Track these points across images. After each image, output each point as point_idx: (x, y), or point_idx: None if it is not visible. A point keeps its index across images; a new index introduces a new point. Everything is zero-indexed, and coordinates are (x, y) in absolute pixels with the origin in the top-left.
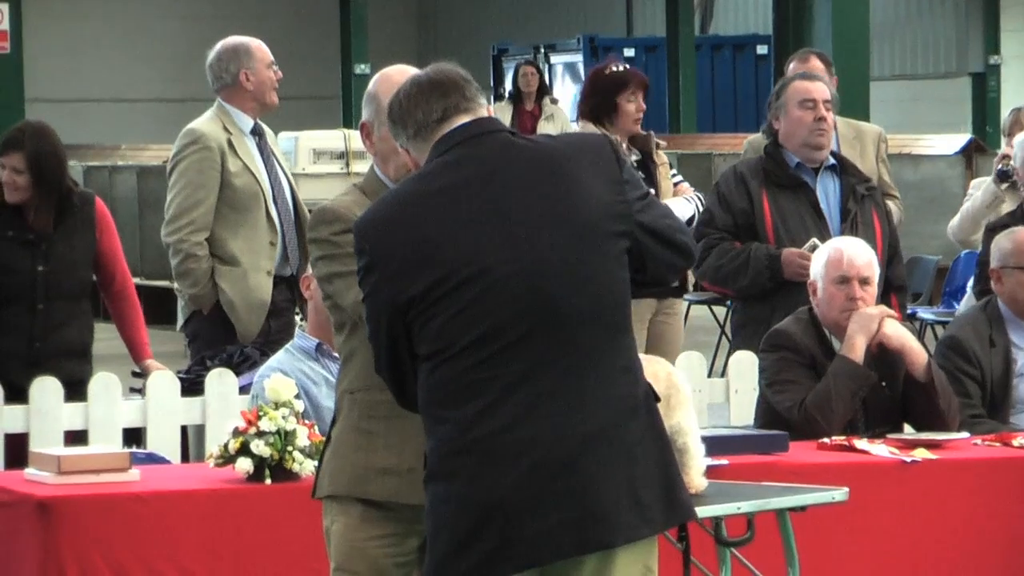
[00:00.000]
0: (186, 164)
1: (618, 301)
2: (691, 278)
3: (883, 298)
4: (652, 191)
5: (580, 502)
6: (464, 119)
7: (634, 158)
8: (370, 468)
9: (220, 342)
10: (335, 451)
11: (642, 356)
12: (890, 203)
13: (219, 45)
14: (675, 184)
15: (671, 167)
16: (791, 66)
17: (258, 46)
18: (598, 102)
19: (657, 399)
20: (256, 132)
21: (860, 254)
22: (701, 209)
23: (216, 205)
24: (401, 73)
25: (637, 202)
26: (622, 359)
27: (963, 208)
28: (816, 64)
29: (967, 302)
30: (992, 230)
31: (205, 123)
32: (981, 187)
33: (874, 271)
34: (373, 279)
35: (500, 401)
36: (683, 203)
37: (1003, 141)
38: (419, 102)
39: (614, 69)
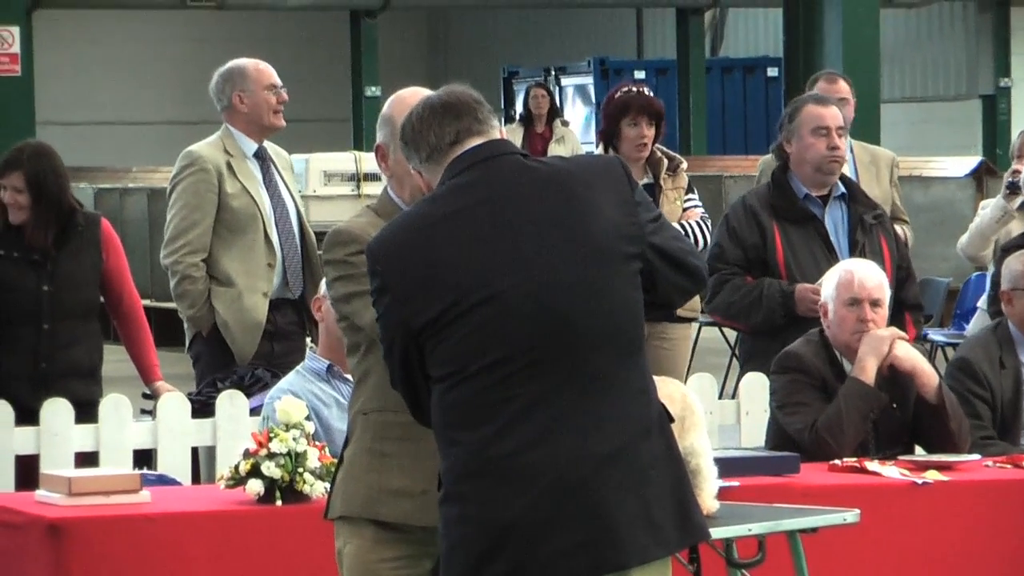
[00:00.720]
0: (183, 186)
1: (632, 322)
2: (697, 301)
3: (896, 318)
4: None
5: (594, 523)
6: (476, 141)
7: (645, 181)
8: (384, 490)
9: (221, 363)
10: (348, 472)
11: (656, 378)
12: (901, 228)
13: (220, 68)
14: (686, 209)
15: (690, 190)
16: (818, 85)
17: (256, 68)
18: (606, 127)
19: (671, 420)
20: (259, 156)
21: (871, 276)
22: (703, 237)
23: (214, 227)
24: (415, 95)
25: (649, 224)
26: (636, 380)
27: (972, 224)
28: (843, 87)
29: (978, 321)
30: (1005, 251)
31: (204, 145)
32: (990, 205)
33: (885, 293)
34: (386, 300)
35: (514, 423)
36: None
37: (1013, 163)
38: (432, 124)
39: (620, 93)
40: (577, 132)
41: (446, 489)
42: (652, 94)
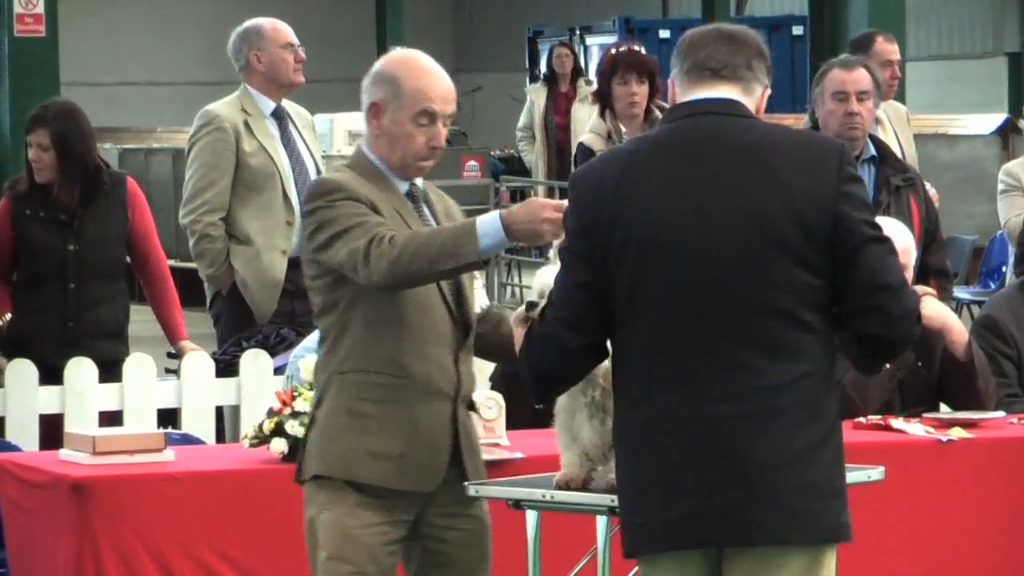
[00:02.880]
0: (200, 145)
1: (798, 299)
2: None
3: (921, 284)
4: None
5: (751, 493)
6: (726, 91)
7: None
8: (362, 451)
9: (241, 322)
10: (324, 433)
11: None
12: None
13: (237, 28)
14: None
15: None
16: (879, 40)
17: (272, 26)
18: (600, 88)
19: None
20: (277, 115)
21: (896, 239)
22: None
23: (232, 185)
24: (416, 57)
25: (853, 215)
26: (803, 358)
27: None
28: (894, 49)
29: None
30: None
31: (222, 105)
32: (1016, 174)
33: (910, 257)
34: (572, 222)
35: (674, 376)
36: None
37: None
38: (709, 46)
39: (610, 53)
40: None
41: (616, 440)
42: (643, 51)
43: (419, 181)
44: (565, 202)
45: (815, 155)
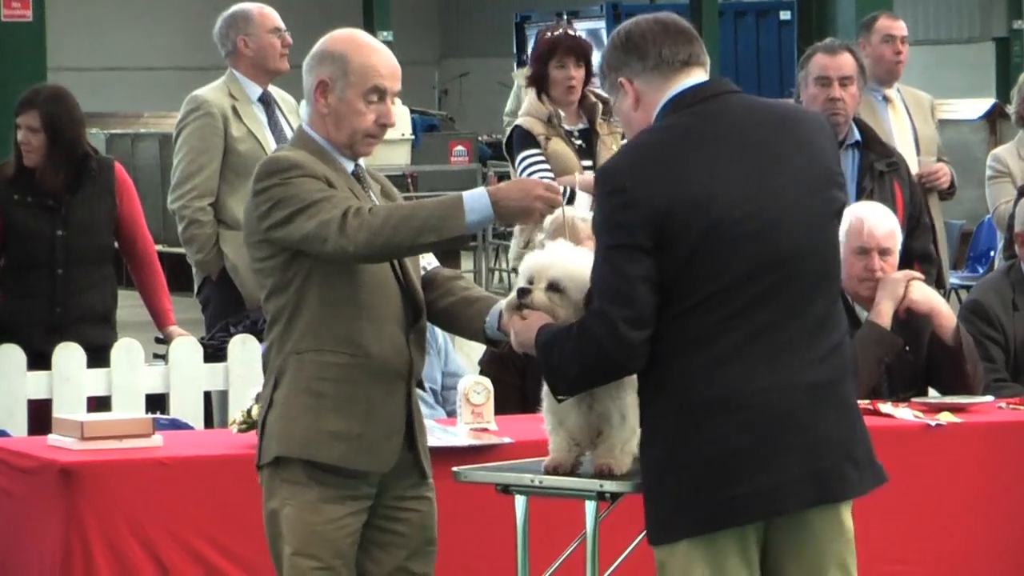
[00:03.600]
0: (189, 131)
1: (838, 268)
2: None
3: (906, 267)
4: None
5: (814, 456)
6: (702, 74)
7: (580, 126)
8: (321, 431)
9: (230, 307)
10: (283, 413)
11: None
12: (949, 168)
13: (223, 13)
14: None
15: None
16: (882, 17)
17: (260, 11)
18: (535, 70)
19: None
20: (264, 100)
21: (881, 224)
22: None
23: (221, 171)
24: (362, 35)
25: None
26: (841, 323)
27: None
28: (899, 25)
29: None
30: (1022, 193)
31: (209, 90)
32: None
33: (895, 242)
34: (630, 215)
35: (742, 351)
36: None
37: (1015, 100)
38: (666, 40)
39: (548, 35)
40: None
41: (667, 419)
42: (581, 35)
43: (362, 161)
44: (555, 183)
45: (819, 122)
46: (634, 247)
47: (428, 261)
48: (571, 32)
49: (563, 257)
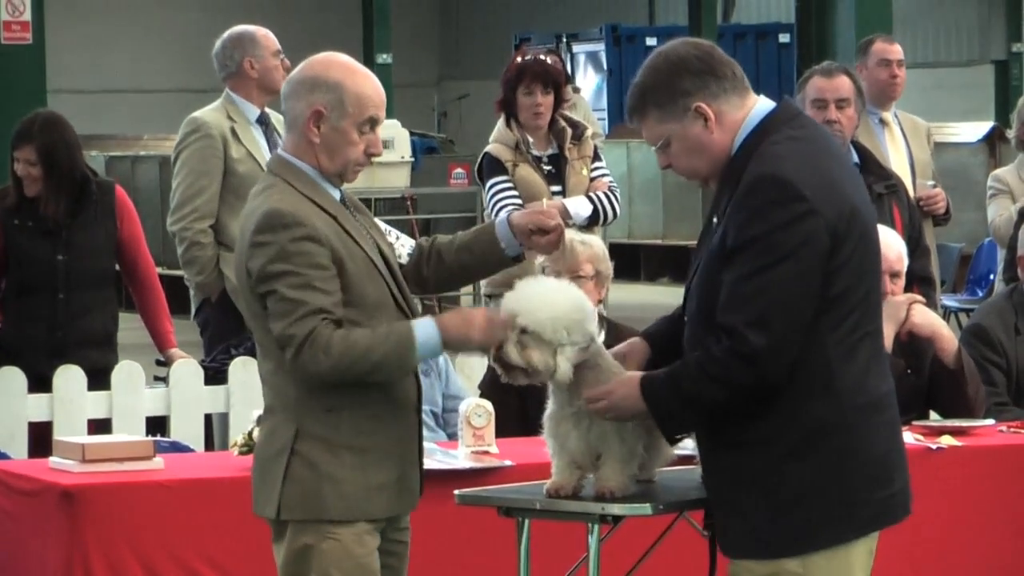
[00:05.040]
0: (188, 153)
1: None
2: None
3: (906, 290)
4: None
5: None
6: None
7: (550, 152)
8: (370, 488)
9: (230, 329)
10: (326, 474)
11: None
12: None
13: (225, 34)
14: (594, 178)
15: (597, 158)
16: (878, 41)
17: (264, 34)
18: (504, 96)
19: None
20: (262, 121)
21: (893, 246)
22: (612, 208)
23: (220, 192)
24: (352, 61)
25: None
26: None
27: (1014, 208)
28: (894, 49)
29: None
30: (1023, 215)
31: (208, 112)
32: (1005, 179)
33: (904, 264)
34: (814, 224)
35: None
36: (583, 201)
37: (1015, 124)
38: (729, 62)
39: (518, 60)
40: (588, 99)
41: (819, 424)
42: (552, 61)
43: (361, 182)
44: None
45: None
46: (814, 255)
47: (408, 249)
48: (542, 58)
49: (532, 299)
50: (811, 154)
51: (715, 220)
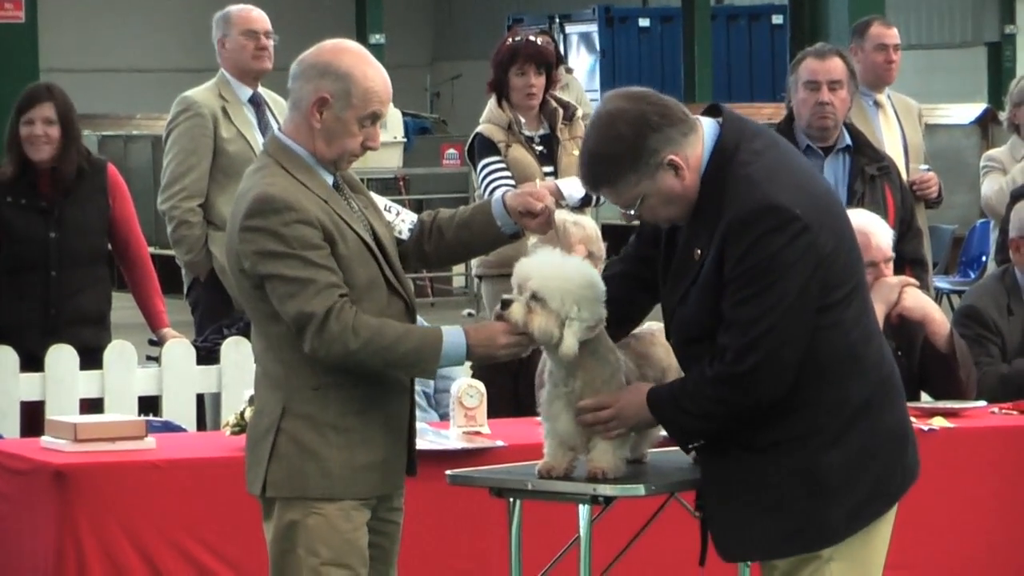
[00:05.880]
0: (178, 132)
1: None
2: None
3: (898, 273)
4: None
5: None
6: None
7: (541, 132)
8: (355, 467)
9: (219, 309)
10: (311, 452)
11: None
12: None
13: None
14: None
15: None
16: (875, 24)
17: (239, 13)
18: (495, 76)
19: None
20: (254, 101)
21: (883, 234)
22: None
23: (211, 171)
24: (364, 52)
25: None
26: None
27: (1004, 179)
28: (891, 33)
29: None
30: (1015, 198)
31: (200, 91)
32: (999, 158)
33: (888, 252)
34: (809, 238)
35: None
36: (575, 183)
37: (1008, 107)
38: (675, 104)
39: (510, 41)
40: (581, 80)
41: (852, 404)
42: (543, 42)
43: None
44: (549, 185)
45: None
46: (812, 265)
47: (409, 225)
48: (533, 40)
49: (546, 267)
50: (779, 164)
51: (699, 252)
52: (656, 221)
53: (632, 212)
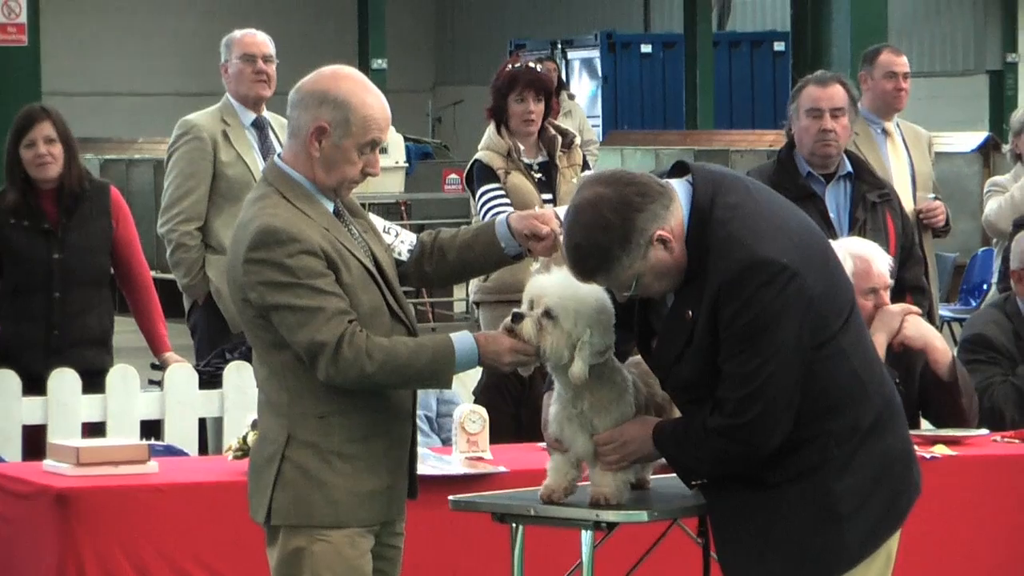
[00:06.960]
0: (178, 155)
1: None
2: None
3: (897, 300)
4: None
5: None
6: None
7: (540, 159)
8: (360, 495)
9: (217, 332)
10: (317, 480)
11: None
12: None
13: None
14: None
15: (586, 167)
16: (885, 52)
17: (240, 39)
18: (495, 103)
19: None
20: (257, 125)
21: (882, 261)
22: None
23: (209, 195)
24: (363, 79)
25: None
26: None
27: (1003, 199)
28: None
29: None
30: (1018, 227)
31: (201, 115)
32: (1004, 184)
33: (886, 280)
34: (798, 283)
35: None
36: None
37: (1010, 138)
38: (651, 178)
39: (509, 68)
40: (583, 106)
41: (859, 427)
42: (542, 69)
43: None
44: (550, 211)
45: None
46: (803, 309)
47: (408, 246)
48: (532, 66)
49: (562, 285)
50: (756, 214)
51: (690, 313)
52: (652, 295)
53: (627, 293)
